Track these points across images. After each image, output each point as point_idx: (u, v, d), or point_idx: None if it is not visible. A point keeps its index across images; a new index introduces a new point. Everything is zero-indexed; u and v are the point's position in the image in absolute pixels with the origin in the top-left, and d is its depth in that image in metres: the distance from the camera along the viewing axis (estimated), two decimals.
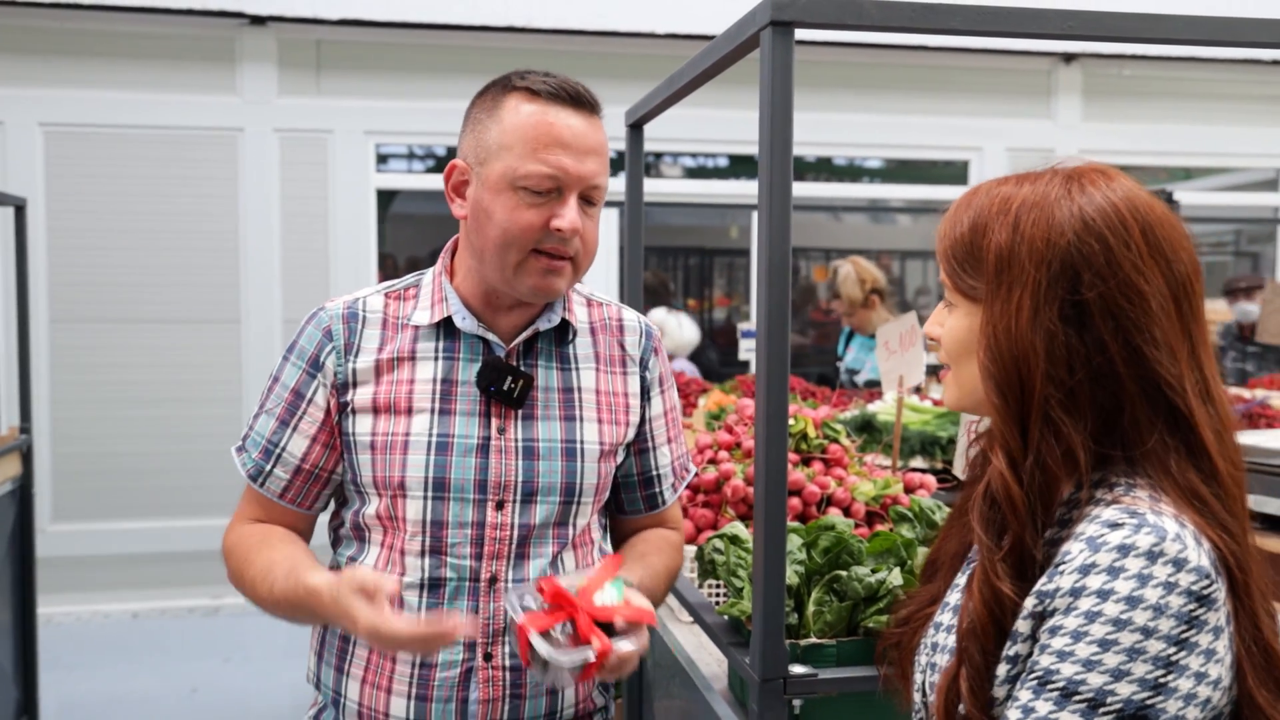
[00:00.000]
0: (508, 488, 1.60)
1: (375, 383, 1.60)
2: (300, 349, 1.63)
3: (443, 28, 6.16)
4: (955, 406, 1.20)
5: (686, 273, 9.24)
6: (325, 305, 1.67)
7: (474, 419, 1.60)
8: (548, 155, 1.53)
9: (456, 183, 1.62)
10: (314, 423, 1.62)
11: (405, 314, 1.64)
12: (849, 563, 1.64)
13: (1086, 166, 1.14)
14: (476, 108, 1.61)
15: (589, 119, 1.60)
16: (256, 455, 1.64)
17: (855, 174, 7.89)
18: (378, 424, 1.60)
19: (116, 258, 6.01)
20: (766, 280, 1.46)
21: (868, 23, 1.46)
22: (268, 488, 1.64)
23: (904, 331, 2.37)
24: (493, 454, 1.60)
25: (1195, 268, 1.11)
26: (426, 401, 1.60)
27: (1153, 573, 0.98)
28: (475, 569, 1.59)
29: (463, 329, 1.62)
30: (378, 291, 1.68)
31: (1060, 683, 0.99)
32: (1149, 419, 1.07)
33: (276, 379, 1.65)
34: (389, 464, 1.58)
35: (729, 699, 1.80)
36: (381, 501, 1.60)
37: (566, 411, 1.66)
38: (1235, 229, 9.13)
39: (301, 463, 1.62)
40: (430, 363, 1.62)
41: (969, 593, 1.08)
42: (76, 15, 5.88)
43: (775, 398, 1.46)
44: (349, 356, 1.61)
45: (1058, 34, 1.52)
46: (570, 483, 1.64)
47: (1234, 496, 1.09)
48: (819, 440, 2.30)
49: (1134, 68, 7.17)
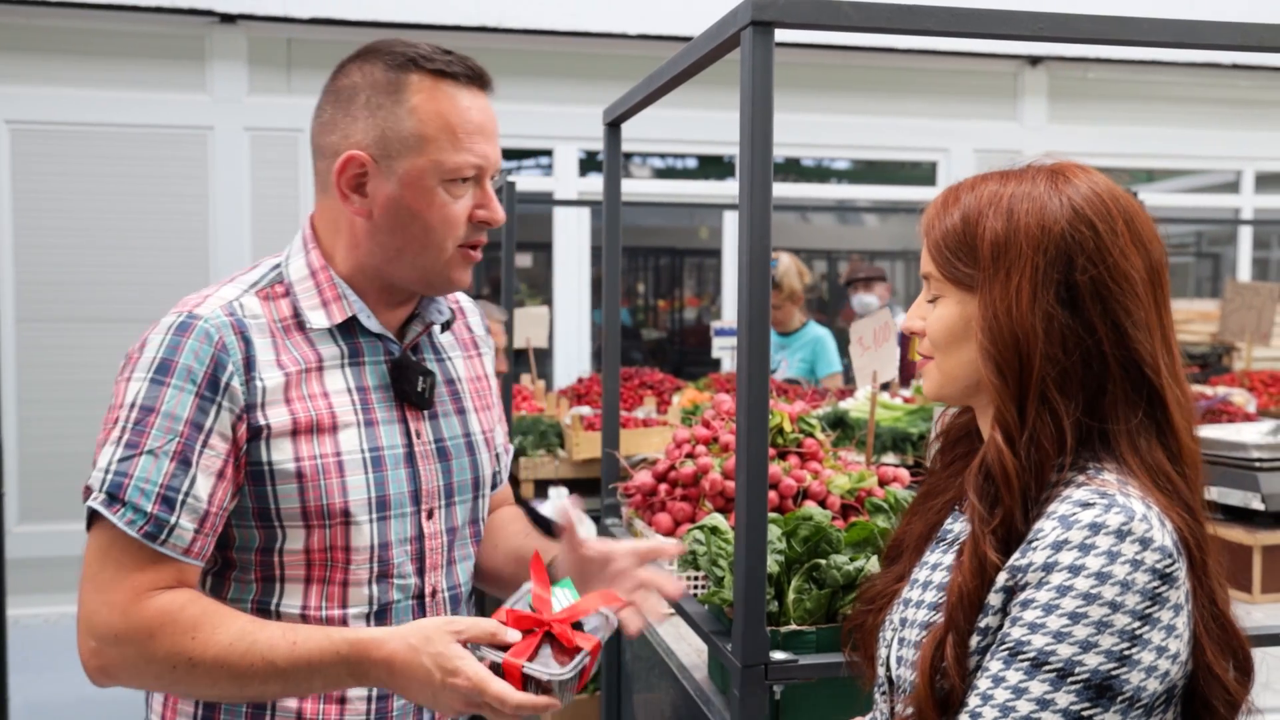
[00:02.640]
0: (434, 494, 1.51)
1: (287, 400, 1.40)
2: (185, 369, 1.36)
3: (414, 27, 6.16)
4: (935, 396, 1.24)
5: (657, 273, 9.27)
6: (195, 312, 1.40)
7: (394, 426, 1.48)
8: (472, 145, 1.42)
9: (353, 177, 1.42)
10: (218, 456, 1.36)
11: (285, 315, 1.45)
12: (828, 551, 1.68)
13: (1064, 163, 1.20)
14: (365, 88, 1.42)
15: (489, 99, 1.48)
16: (152, 507, 1.32)
17: (823, 175, 7.95)
18: (300, 447, 1.40)
19: (84, 257, 5.97)
20: (748, 278, 1.49)
21: (846, 23, 1.49)
22: (170, 545, 1.34)
23: (877, 328, 2.41)
24: (418, 461, 1.49)
25: (1165, 256, 1.19)
26: (350, 414, 1.44)
27: (1121, 550, 1.03)
28: (420, 585, 1.50)
29: (368, 328, 1.48)
30: (245, 291, 1.45)
31: (1031, 653, 1.04)
32: (1130, 399, 1.13)
33: (153, 409, 1.34)
34: (325, 490, 1.40)
35: (709, 687, 1.83)
36: (314, 535, 1.41)
37: (457, 405, 1.58)
38: (1196, 230, 9.28)
39: (209, 507, 1.35)
40: (338, 370, 1.45)
41: (959, 563, 1.13)
42: (44, 12, 5.83)
43: (756, 391, 1.49)
44: (251, 373, 1.39)
45: (1029, 35, 1.56)
46: (476, 477, 1.57)
47: (1195, 476, 1.15)
48: (795, 435, 2.33)
49: (1098, 71, 7.28)
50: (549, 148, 6.76)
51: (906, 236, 9.45)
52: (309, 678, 1.32)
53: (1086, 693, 1.01)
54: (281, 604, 1.42)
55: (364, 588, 1.44)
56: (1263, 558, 2.30)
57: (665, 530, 2.21)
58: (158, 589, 1.34)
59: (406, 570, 1.47)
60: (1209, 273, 9.27)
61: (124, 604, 1.32)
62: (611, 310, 2.46)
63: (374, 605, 1.45)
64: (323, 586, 1.43)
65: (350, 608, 1.44)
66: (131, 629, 1.32)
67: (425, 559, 1.50)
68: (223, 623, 1.33)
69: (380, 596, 1.45)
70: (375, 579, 1.45)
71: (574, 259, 6.84)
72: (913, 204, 7.67)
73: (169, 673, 1.33)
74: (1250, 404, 4.29)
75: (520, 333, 4.61)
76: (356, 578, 1.43)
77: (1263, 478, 2.33)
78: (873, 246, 9.97)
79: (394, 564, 1.46)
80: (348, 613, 1.44)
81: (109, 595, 1.33)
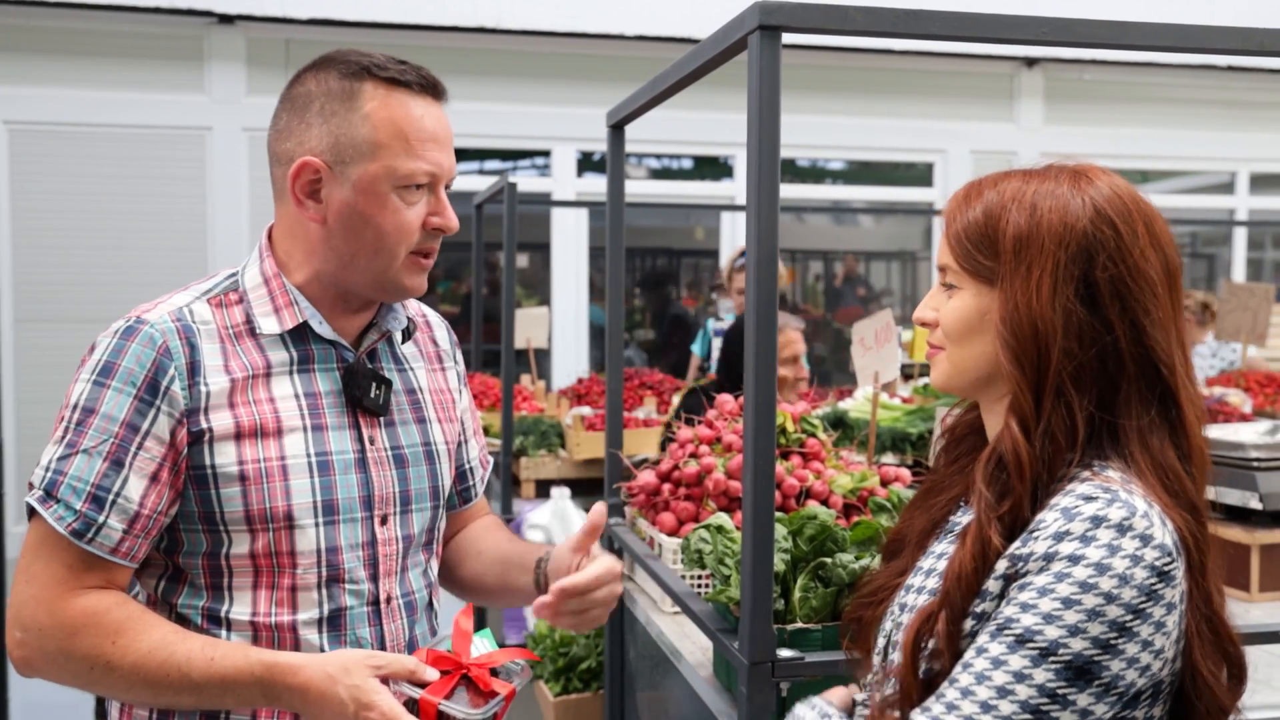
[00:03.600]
0: (388, 500, 1.50)
1: (231, 405, 1.41)
2: (126, 372, 1.38)
3: (412, 28, 6.18)
4: (944, 387, 1.26)
5: (654, 274, 9.29)
6: (143, 317, 1.42)
7: (345, 432, 1.48)
8: (425, 152, 1.43)
9: (307, 183, 1.43)
10: (153, 460, 1.37)
11: (236, 321, 1.46)
12: (833, 550, 1.69)
13: (1085, 165, 1.22)
14: (320, 97, 1.44)
15: (443, 108, 1.49)
16: (82, 505, 1.35)
17: (818, 175, 7.98)
18: (244, 450, 1.40)
19: (83, 257, 5.98)
20: (755, 277, 1.51)
21: (852, 28, 1.51)
22: (98, 544, 1.35)
23: (879, 328, 2.43)
24: (370, 466, 1.49)
25: (1180, 260, 1.21)
26: (296, 419, 1.44)
27: (1121, 544, 1.06)
28: (374, 591, 1.49)
29: (319, 334, 1.48)
30: (197, 298, 1.47)
31: (1018, 630, 1.06)
32: (1144, 397, 1.15)
33: (92, 410, 1.37)
34: (268, 494, 1.41)
35: (714, 685, 1.84)
36: (259, 539, 1.41)
37: (416, 414, 1.58)
38: (1191, 231, 9.31)
39: (140, 508, 1.37)
40: (286, 376, 1.46)
41: (961, 544, 1.15)
42: (42, 12, 5.84)
43: (763, 389, 1.51)
44: (194, 378, 1.39)
45: (1033, 40, 1.58)
46: (435, 486, 1.58)
47: (1203, 476, 1.17)
48: (797, 435, 2.35)
49: (1094, 72, 7.31)
50: (547, 148, 6.78)
51: (902, 237, 9.48)
52: (222, 694, 1.35)
53: (1065, 673, 1.04)
54: (232, 611, 1.43)
55: (313, 592, 1.44)
56: (1260, 557, 2.32)
57: (669, 529, 2.23)
58: (86, 588, 1.37)
59: (359, 575, 1.47)
60: (1203, 273, 9.30)
61: (50, 599, 1.35)
62: (615, 311, 2.48)
63: (324, 610, 1.45)
64: (271, 592, 1.43)
65: (300, 613, 1.44)
66: (55, 625, 1.35)
67: (379, 565, 1.49)
68: (145, 630, 1.35)
69: (331, 602, 1.45)
70: (325, 584, 1.45)
71: (571, 259, 6.86)
72: (909, 205, 7.70)
73: (87, 672, 1.36)
74: (1246, 404, 4.32)
75: (520, 333, 4.62)
76: (304, 582, 1.43)
77: (1260, 477, 2.36)
78: (868, 247, 9.99)
79: (345, 569, 1.45)
80: (298, 618, 1.44)
81: (36, 589, 1.36)
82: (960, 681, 1.08)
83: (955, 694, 1.08)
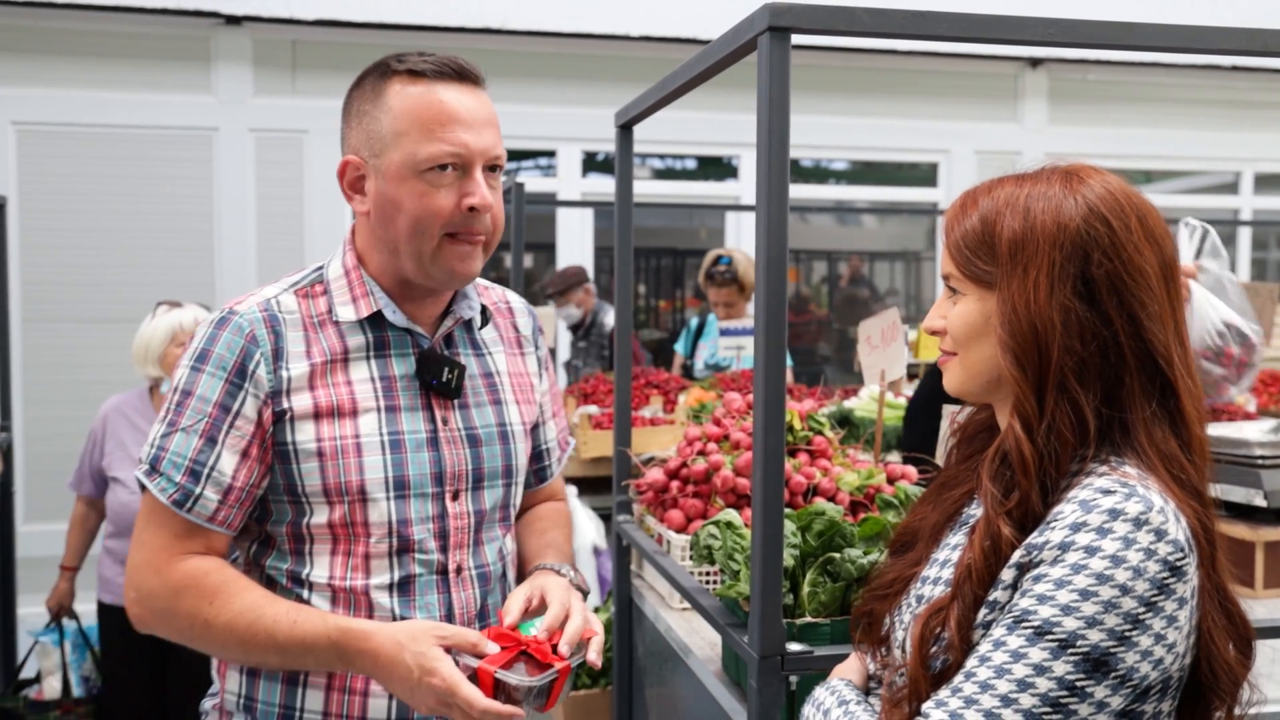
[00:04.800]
0: (460, 477, 1.61)
1: (311, 387, 1.54)
2: (218, 358, 1.52)
3: (418, 28, 6.19)
4: (957, 392, 1.28)
5: (658, 274, 9.30)
6: (235, 309, 1.56)
7: (418, 413, 1.59)
8: (445, 134, 1.50)
9: (353, 179, 1.57)
10: (243, 437, 1.52)
11: (320, 311, 1.58)
12: (842, 545, 1.71)
13: (1078, 165, 1.24)
14: (357, 100, 1.57)
15: (475, 92, 1.56)
16: (180, 478, 1.50)
17: (821, 175, 7.98)
18: (322, 429, 1.53)
19: (90, 257, 5.99)
20: (765, 277, 1.53)
21: (861, 29, 1.52)
22: (195, 512, 1.51)
23: (886, 326, 2.44)
24: (442, 445, 1.59)
25: (1177, 253, 1.23)
26: (371, 400, 1.56)
27: (1137, 538, 1.08)
28: (443, 562, 1.59)
29: (393, 322, 1.59)
30: (285, 290, 1.60)
31: (1036, 622, 1.08)
32: (1145, 390, 1.17)
33: (190, 392, 1.52)
34: (343, 469, 1.53)
35: (723, 679, 1.86)
36: (335, 510, 1.54)
37: (492, 396, 1.68)
38: None
39: (233, 481, 1.51)
40: (364, 361, 1.58)
41: (970, 541, 1.18)
42: (50, 13, 5.86)
43: (773, 385, 1.53)
44: (279, 362, 1.53)
45: (1040, 41, 1.60)
46: (510, 464, 1.67)
47: (1204, 465, 1.20)
48: (804, 432, 2.36)
49: (1098, 73, 7.32)
50: (552, 149, 6.79)
51: (905, 237, 9.49)
52: (303, 655, 1.47)
53: (1083, 665, 1.06)
54: (312, 574, 1.56)
55: (384, 560, 1.56)
56: (1265, 553, 2.34)
57: (677, 526, 2.25)
58: (188, 553, 1.52)
59: (429, 546, 1.58)
60: None
61: (158, 564, 1.52)
62: (624, 311, 2.49)
63: (394, 576, 1.56)
64: (347, 559, 1.55)
65: (373, 578, 1.56)
66: (161, 586, 1.51)
67: (449, 537, 1.60)
68: (238, 594, 1.49)
69: (401, 569, 1.56)
70: (395, 552, 1.56)
71: (577, 260, 6.87)
72: (913, 205, 7.71)
73: (188, 629, 1.51)
74: (1250, 403, 4.33)
75: None
76: (377, 550, 1.55)
77: (1265, 475, 2.37)
78: (871, 247, 10.00)
79: (414, 539, 1.57)
80: (370, 582, 1.55)
81: (147, 554, 1.53)
82: (978, 675, 1.09)
83: (974, 687, 1.09)
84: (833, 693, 1.30)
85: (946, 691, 1.12)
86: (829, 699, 1.29)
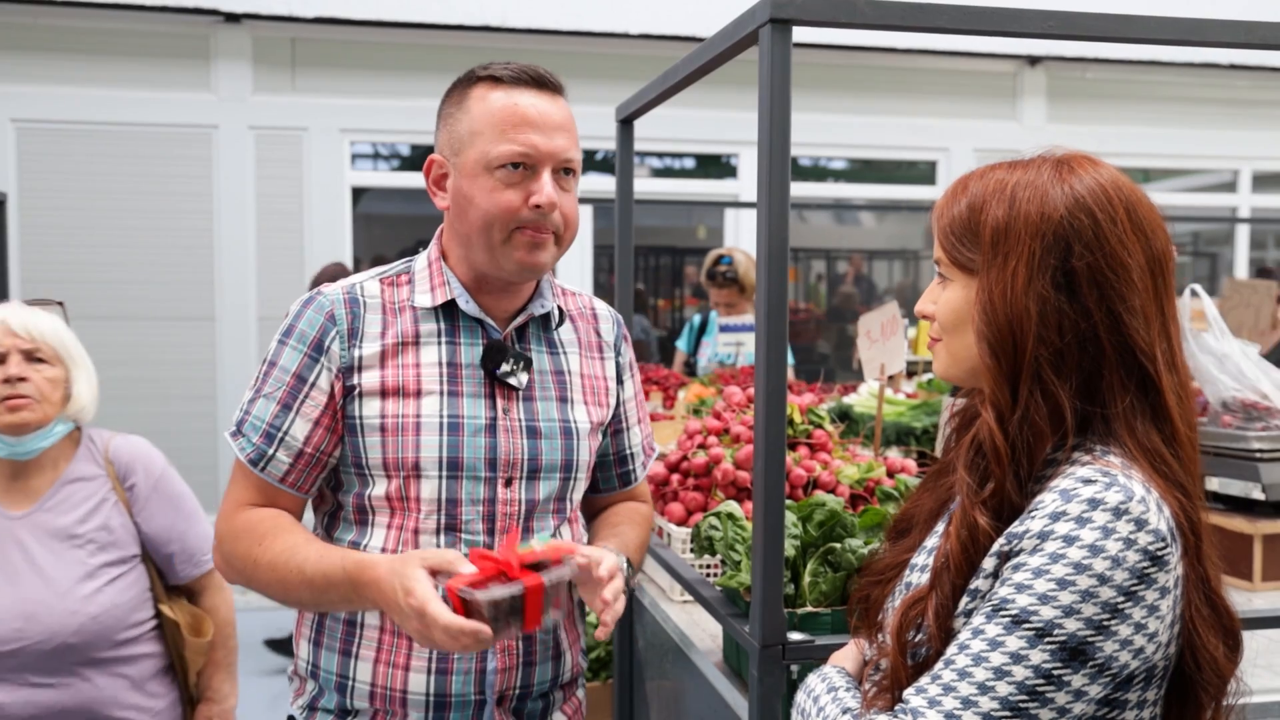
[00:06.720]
0: (515, 465, 1.67)
1: (381, 366, 1.64)
2: (300, 333, 1.64)
3: (418, 26, 6.21)
4: (944, 376, 1.29)
5: (657, 272, 9.32)
6: (323, 289, 1.69)
7: (480, 400, 1.66)
8: (517, 135, 1.60)
9: (436, 176, 1.68)
10: (316, 406, 1.63)
11: (402, 298, 1.68)
12: (842, 535, 1.72)
13: (1073, 154, 1.23)
14: (447, 104, 1.68)
15: (552, 98, 1.67)
16: (257, 439, 1.63)
17: (820, 174, 7.99)
18: (386, 406, 1.63)
19: (90, 255, 6.00)
20: (766, 273, 1.54)
21: (862, 21, 1.53)
22: (269, 472, 1.64)
23: (885, 320, 2.45)
24: (500, 433, 1.66)
25: (1169, 246, 1.22)
26: (435, 384, 1.64)
27: (1116, 528, 1.08)
28: (488, 544, 1.65)
29: (465, 311, 1.67)
30: (372, 277, 1.71)
31: (1014, 611, 1.08)
32: (1123, 382, 1.17)
33: (274, 363, 1.65)
34: (401, 445, 1.62)
35: (724, 671, 1.87)
36: (392, 483, 1.63)
37: (560, 393, 1.73)
38: (1194, 230, 9.33)
39: (304, 446, 1.63)
40: (434, 346, 1.66)
41: (947, 531, 1.18)
42: (50, 11, 5.87)
43: (774, 377, 1.54)
44: (353, 341, 1.64)
45: (1039, 33, 1.60)
46: (569, 460, 1.72)
47: (1191, 459, 1.19)
48: (804, 426, 2.37)
49: (1097, 71, 7.33)
50: None
51: (904, 235, 9.51)
52: (327, 590, 1.55)
53: (1060, 654, 1.06)
54: (369, 544, 1.65)
55: (431, 536, 1.64)
56: (1263, 546, 2.34)
57: (678, 519, 2.25)
58: (255, 504, 1.66)
59: (476, 528, 1.65)
60: (1206, 272, 9.32)
61: (228, 514, 1.66)
62: (624, 306, 2.50)
63: None
64: (399, 532, 1.64)
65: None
66: (225, 532, 1.66)
67: (496, 521, 1.66)
68: (282, 535, 1.60)
69: (446, 547, 1.63)
70: (441, 529, 1.64)
71: (575, 257, 6.89)
72: (912, 203, 7.72)
73: (243, 569, 1.63)
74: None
75: None
76: (425, 526, 1.64)
77: (1263, 468, 2.38)
78: (870, 245, 10.02)
79: (461, 519, 1.64)
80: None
81: (225, 507, 1.67)
82: (956, 663, 1.10)
83: (952, 675, 1.09)
84: (824, 679, 1.31)
85: (926, 679, 1.12)
86: (819, 685, 1.30)
